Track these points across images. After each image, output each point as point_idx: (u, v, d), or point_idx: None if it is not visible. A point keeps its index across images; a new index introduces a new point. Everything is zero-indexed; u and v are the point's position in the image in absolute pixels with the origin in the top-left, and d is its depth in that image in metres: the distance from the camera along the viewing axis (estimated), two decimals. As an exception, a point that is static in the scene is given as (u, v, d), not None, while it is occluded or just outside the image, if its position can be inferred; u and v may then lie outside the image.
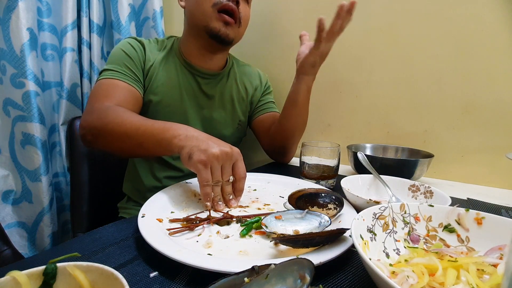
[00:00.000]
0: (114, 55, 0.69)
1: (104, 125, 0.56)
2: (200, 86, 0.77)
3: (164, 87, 0.72)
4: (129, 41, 0.72)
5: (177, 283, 0.31)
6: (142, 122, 0.54)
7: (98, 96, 0.63)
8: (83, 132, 0.60)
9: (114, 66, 0.67)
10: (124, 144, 0.55)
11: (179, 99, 0.74)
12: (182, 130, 0.51)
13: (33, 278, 0.23)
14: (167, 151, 0.51)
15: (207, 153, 0.46)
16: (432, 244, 0.35)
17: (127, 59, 0.68)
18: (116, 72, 0.66)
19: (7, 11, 0.81)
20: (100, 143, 0.59)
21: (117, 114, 0.57)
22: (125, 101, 0.64)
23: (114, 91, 0.64)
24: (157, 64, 0.72)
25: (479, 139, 0.72)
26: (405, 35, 0.78)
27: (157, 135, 0.51)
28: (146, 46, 0.73)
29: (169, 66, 0.74)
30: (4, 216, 0.88)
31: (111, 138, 0.56)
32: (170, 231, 0.40)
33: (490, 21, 0.67)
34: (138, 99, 0.69)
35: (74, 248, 0.38)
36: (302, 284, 0.24)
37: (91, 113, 0.60)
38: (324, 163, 0.63)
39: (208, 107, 0.78)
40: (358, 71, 0.88)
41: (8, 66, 0.83)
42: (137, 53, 0.70)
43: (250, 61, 0.97)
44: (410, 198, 0.54)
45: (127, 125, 0.54)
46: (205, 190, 0.47)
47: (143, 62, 0.71)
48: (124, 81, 0.66)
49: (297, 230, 0.40)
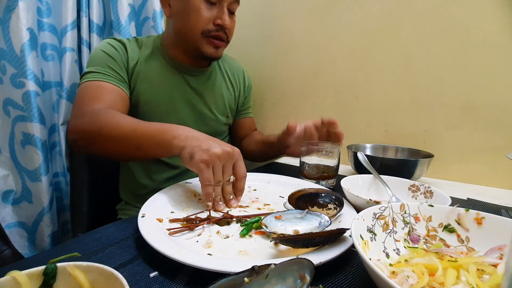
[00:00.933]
0: (95, 56, 0.67)
1: (98, 128, 0.54)
2: (189, 83, 0.76)
3: (152, 87, 0.71)
4: (109, 41, 0.70)
5: (177, 283, 0.31)
6: (139, 124, 0.54)
7: (85, 99, 0.61)
8: (75, 137, 0.57)
9: (97, 68, 0.65)
10: (121, 147, 0.54)
11: (169, 98, 0.73)
12: (181, 131, 0.50)
13: (33, 278, 0.23)
14: (167, 152, 0.51)
15: (209, 152, 0.46)
16: (432, 244, 0.35)
17: (109, 59, 0.66)
18: (100, 74, 0.64)
19: (7, 11, 0.81)
20: (94, 148, 0.57)
21: (110, 116, 0.55)
22: (114, 103, 0.62)
23: (101, 93, 0.62)
24: (141, 63, 0.71)
25: (479, 139, 0.72)
26: (405, 35, 0.78)
27: (156, 137, 0.51)
28: (127, 45, 0.71)
29: (154, 65, 0.72)
30: (4, 216, 0.88)
31: (106, 142, 0.54)
32: (170, 231, 0.40)
33: (490, 21, 0.67)
34: (125, 100, 0.67)
35: (74, 248, 0.38)
36: (302, 284, 0.24)
37: (81, 117, 0.58)
38: (324, 163, 0.63)
39: (199, 104, 0.78)
40: (358, 71, 0.88)
41: (8, 66, 0.83)
42: (119, 53, 0.68)
43: (249, 61, 0.97)
44: (410, 198, 0.54)
45: (123, 127, 0.53)
46: (207, 190, 0.47)
47: (126, 62, 0.69)
48: (110, 82, 0.64)
49: (297, 230, 0.40)
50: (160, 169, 0.76)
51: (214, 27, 0.67)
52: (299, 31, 0.97)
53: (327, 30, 0.91)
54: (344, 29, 0.88)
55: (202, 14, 0.65)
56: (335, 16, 0.89)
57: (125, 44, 0.71)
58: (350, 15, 0.86)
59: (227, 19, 0.67)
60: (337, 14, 0.88)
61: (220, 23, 0.67)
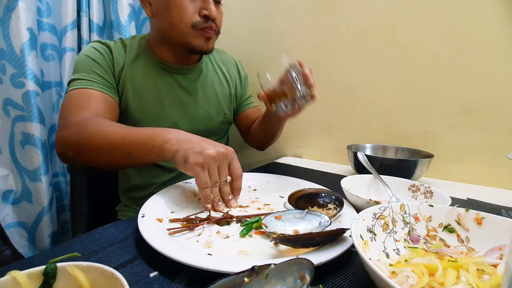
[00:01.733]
0: (80, 62, 0.64)
1: (85, 139, 0.52)
2: (179, 83, 0.73)
3: (140, 91, 0.68)
4: (94, 45, 0.67)
5: (177, 283, 0.31)
6: (128, 130, 0.52)
7: (71, 108, 0.58)
8: (62, 150, 0.55)
9: (82, 75, 0.62)
10: (111, 156, 0.52)
11: (159, 100, 0.70)
12: (173, 134, 0.49)
13: (33, 278, 0.23)
14: (159, 157, 0.50)
15: (203, 154, 0.46)
16: (432, 244, 0.35)
17: (95, 65, 0.64)
18: (85, 81, 0.61)
19: (7, 11, 0.81)
20: (84, 159, 0.55)
21: (98, 125, 0.53)
22: (102, 110, 0.60)
23: (87, 101, 0.59)
24: (128, 67, 0.68)
25: (479, 139, 0.72)
26: (405, 35, 0.78)
27: (146, 142, 0.49)
28: (113, 48, 0.68)
29: (142, 67, 0.69)
30: (4, 216, 0.88)
31: (96, 152, 0.52)
32: (170, 231, 0.40)
33: (490, 21, 0.67)
34: (114, 107, 0.65)
35: (74, 248, 0.38)
36: (302, 284, 0.24)
37: (67, 128, 0.56)
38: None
39: (191, 104, 0.75)
40: (358, 71, 0.88)
41: (8, 66, 0.83)
42: (104, 58, 0.66)
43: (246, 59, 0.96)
44: (410, 198, 0.54)
45: (112, 135, 0.51)
46: (204, 193, 0.47)
47: (112, 66, 0.66)
48: (97, 89, 0.61)
49: (297, 230, 0.40)
50: (156, 173, 0.75)
51: (201, 19, 0.64)
52: (299, 31, 0.97)
53: (327, 30, 0.91)
54: (344, 29, 0.88)
55: (185, 7, 0.62)
56: (335, 16, 0.89)
57: (111, 47, 0.68)
58: (350, 15, 0.86)
59: (213, 9, 0.64)
60: (337, 14, 0.88)
61: (207, 14, 0.63)
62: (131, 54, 0.69)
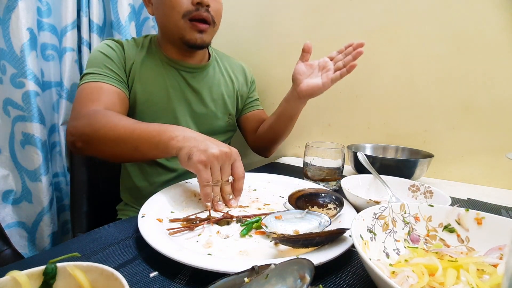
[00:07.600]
0: (93, 58, 0.67)
1: (95, 130, 0.54)
2: (186, 81, 0.75)
3: (149, 86, 0.71)
4: (107, 42, 0.70)
5: (177, 283, 0.31)
6: (136, 125, 0.53)
7: (84, 100, 0.61)
8: (73, 139, 0.57)
9: (95, 69, 0.65)
10: (119, 149, 0.54)
11: (166, 96, 0.73)
12: (179, 132, 0.50)
13: (33, 278, 0.23)
14: (165, 153, 0.51)
15: (207, 153, 0.46)
16: (432, 244, 0.35)
17: (108, 60, 0.67)
18: (98, 75, 0.64)
19: (7, 11, 0.81)
20: (92, 149, 0.57)
21: (108, 118, 0.55)
22: (112, 104, 0.62)
23: (99, 94, 0.62)
24: (138, 63, 0.71)
25: (479, 139, 0.72)
26: (405, 35, 0.78)
27: (153, 138, 0.50)
28: (125, 45, 0.71)
29: (151, 64, 0.72)
30: (4, 216, 0.88)
31: (104, 144, 0.54)
32: (170, 231, 0.40)
33: (490, 21, 0.67)
34: (124, 101, 0.67)
35: (74, 248, 0.38)
36: (302, 284, 0.24)
37: (79, 118, 0.58)
38: (328, 165, 0.62)
39: (197, 102, 0.77)
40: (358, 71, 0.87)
41: (8, 66, 0.83)
42: (117, 54, 0.68)
43: (249, 61, 0.97)
44: (410, 198, 0.54)
45: (121, 129, 0.53)
46: (205, 191, 0.47)
47: (124, 62, 0.69)
48: (108, 83, 0.64)
49: (297, 230, 0.40)
50: (157, 172, 0.75)
51: (194, 6, 0.64)
52: (299, 31, 0.97)
53: (327, 30, 0.91)
54: (344, 29, 0.88)
55: None
56: (335, 16, 0.89)
57: (123, 45, 0.71)
58: (350, 15, 0.86)
59: None
60: (337, 14, 0.88)
61: (199, 0, 0.64)
62: (142, 52, 0.73)
